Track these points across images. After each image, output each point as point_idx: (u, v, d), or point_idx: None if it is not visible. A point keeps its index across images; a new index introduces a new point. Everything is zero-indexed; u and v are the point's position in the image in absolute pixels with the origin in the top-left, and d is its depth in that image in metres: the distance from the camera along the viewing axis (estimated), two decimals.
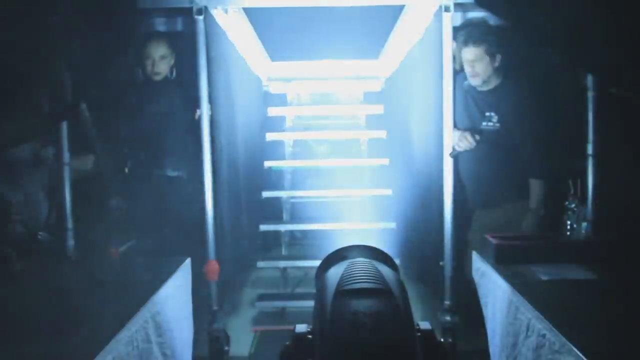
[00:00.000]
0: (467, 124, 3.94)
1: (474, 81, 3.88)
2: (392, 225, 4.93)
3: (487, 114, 3.88)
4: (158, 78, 4.13)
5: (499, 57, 3.81)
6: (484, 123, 3.88)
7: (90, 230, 3.57)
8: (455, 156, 3.73)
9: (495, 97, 3.88)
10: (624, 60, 2.66)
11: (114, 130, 3.95)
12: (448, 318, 3.72)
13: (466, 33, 3.87)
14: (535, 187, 3.80)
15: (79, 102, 3.53)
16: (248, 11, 4.19)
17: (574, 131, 3.63)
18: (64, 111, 3.43)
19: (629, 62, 2.66)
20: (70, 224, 3.47)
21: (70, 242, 3.46)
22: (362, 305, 1.36)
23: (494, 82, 3.89)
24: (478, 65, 3.82)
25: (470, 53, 3.82)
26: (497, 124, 3.85)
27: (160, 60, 4.10)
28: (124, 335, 2.28)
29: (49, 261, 3.29)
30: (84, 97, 3.49)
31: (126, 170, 4.11)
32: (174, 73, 4.19)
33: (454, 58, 4.05)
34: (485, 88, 3.91)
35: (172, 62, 4.17)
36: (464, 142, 3.79)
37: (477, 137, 3.81)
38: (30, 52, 2.75)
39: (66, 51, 2.88)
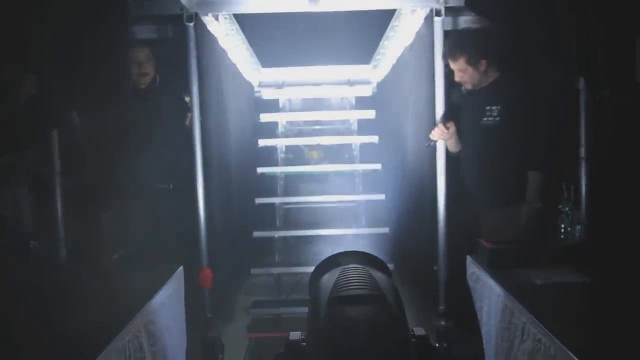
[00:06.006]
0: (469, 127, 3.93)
1: (467, 86, 3.86)
2: (386, 230, 4.93)
3: (488, 107, 3.77)
4: (146, 81, 4.10)
5: (483, 62, 3.72)
6: (484, 119, 3.78)
7: (82, 238, 3.54)
8: (432, 147, 3.77)
9: (493, 92, 3.79)
10: (614, 62, 2.67)
11: (103, 139, 3.91)
12: (442, 323, 3.71)
13: (446, 46, 3.84)
14: (533, 179, 3.66)
15: (69, 110, 3.51)
16: (238, 17, 4.19)
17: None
18: (54, 119, 3.41)
19: (618, 64, 2.66)
20: (61, 233, 3.44)
21: (62, 251, 3.42)
22: (356, 311, 1.35)
23: (489, 79, 3.81)
24: (464, 75, 3.78)
25: (453, 65, 3.79)
26: (497, 118, 3.74)
27: (147, 62, 4.08)
28: (117, 344, 2.26)
29: (40, 270, 3.26)
30: (73, 105, 3.46)
31: (116, 179, 4.08)
32: (157, 80, 4.16)
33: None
34: (483, 84, 3.83)
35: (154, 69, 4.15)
36: (437, 131, 3.77)
37: (450, 125, 3.77)
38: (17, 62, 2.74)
39: (55, 59, 2.86)
